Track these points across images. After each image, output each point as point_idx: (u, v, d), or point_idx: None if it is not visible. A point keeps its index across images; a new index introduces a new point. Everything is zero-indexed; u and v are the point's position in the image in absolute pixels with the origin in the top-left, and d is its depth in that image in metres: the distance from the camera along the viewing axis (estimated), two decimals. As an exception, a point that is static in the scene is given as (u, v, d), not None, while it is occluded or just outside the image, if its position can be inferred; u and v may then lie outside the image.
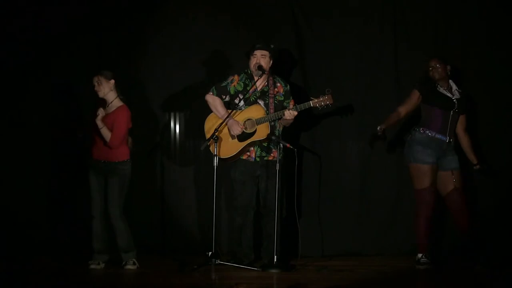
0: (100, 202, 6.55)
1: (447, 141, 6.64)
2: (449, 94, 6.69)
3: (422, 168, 6.61)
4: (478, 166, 6.78)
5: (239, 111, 6.67)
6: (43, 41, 7.30)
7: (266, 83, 6.73)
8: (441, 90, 6.69)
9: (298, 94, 6.89)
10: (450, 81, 6.75)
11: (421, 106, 6.73)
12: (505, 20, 7.27)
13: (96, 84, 6.52)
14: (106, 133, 6.45)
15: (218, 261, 6.41)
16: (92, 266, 6.50)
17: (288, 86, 6.81)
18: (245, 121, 6.64)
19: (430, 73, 6.69)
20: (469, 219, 6.61)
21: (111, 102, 6.56)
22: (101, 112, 6.44)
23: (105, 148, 6.51)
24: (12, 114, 7.31)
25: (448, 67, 6.71)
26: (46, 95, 7.34)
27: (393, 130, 7.39)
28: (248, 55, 6.73)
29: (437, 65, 6.67)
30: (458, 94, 6.71)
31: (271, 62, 6.72)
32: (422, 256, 6.62)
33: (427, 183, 6.60)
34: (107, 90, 6.53)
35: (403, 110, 6.74)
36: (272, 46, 6.71)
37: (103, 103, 6.55)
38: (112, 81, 6.54)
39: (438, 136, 6.63)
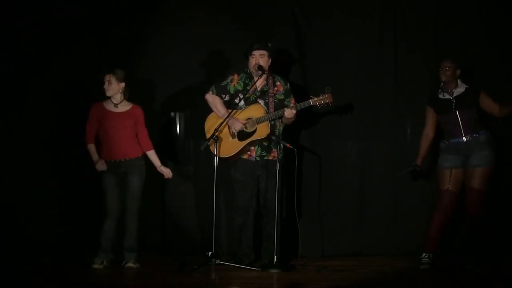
0: (116, 202, 6.53)
1: (464, 141, 6.62)
2: (448, 96, 6.68)
3: (440, 172, 6.68)
4: None
5: (239, 111, 6.67)
6: (43, 41, 7.30)
7: (266, 83, 6.73)
8: (441, 95, 6.69)
9: (298, 94, 6.89)
10: (459, 80, 6.70)
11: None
12: (505, 20, 7.26)
13: (106, 82, 6.55)
14: (155, 159, 6.66)
15: (218, 261, 6.41)
16: (95, 266, 6.49)
17: (288, 85, 6.81)
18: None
19: (439, 73, 6.67)
20: (478, 221, 6.56)
21: (120, 103, 6.59)
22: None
23: (121, 146, 6.53)
24: (12, 114, 7.30)
25: (458, 72, 6.66)
26: (46, 95, 7.33)
27: (393, 131, 7.41)
28: (247, 55, 6.73)
29: (447, 67, 6.62)
30: (461, 90, 6.65)
31: (270, 60, 6.72)
32: (424, 256, 6.61)
33: (444, 187, 6.63)
34: (115, 90, 6.57)
35: (429, 131, 6.78)
36: (269, 44, 6.71)
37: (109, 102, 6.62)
38: (123, 84, 6.58)
39: (453, 141, 6.63)
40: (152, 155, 6.66)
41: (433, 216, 6.67)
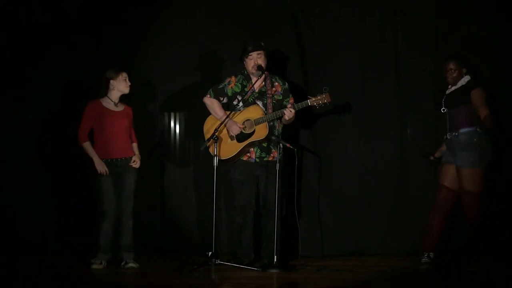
0: (114, 202, 6.52)
1: (446, 138, 6.61)
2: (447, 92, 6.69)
3: (440, 165, 6.74)
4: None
5: (237, 112, 6.67)
6: (43, 41, 7.30)
7: (264, 83, 6.72)
8: (447, 91, 6.70)
9: (298, 94, 6.89)
10: (466, 76, 6.65)
11: None
12: (505, 20, 7.27)
13: (126, 79, 6.59)
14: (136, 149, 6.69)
15: (218, 261, 6.41)
16: (94, 266, 6.50)
17: (287, 84, 6.81)
18: (243, 122, 6.64)
19: (446, 74, 6.65)
20: (475, 220, 6.50)
21: (119, 102, 6.63)
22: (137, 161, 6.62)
23: (119, 145, 6.55)
24: (12, 114, 7.30)
25: (464, 70, 6.62)
26: (46, 94, 7.33)
27: (393, 131, 7.41)
28: (242, 58, 6.72)
29: (453, 69, 6.59)
30: (457, 87, 6.62)
31: (266, 60, 6.72)
32: (425, 256, 6.61)
33: (439, 181, 6.65)
34: None
35: None
36: (262, 44, 6.71)
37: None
38: None
39: (445, 136, 6.64)
40: (135, 145, 6.70)
41: (430, 212, 6.67)
